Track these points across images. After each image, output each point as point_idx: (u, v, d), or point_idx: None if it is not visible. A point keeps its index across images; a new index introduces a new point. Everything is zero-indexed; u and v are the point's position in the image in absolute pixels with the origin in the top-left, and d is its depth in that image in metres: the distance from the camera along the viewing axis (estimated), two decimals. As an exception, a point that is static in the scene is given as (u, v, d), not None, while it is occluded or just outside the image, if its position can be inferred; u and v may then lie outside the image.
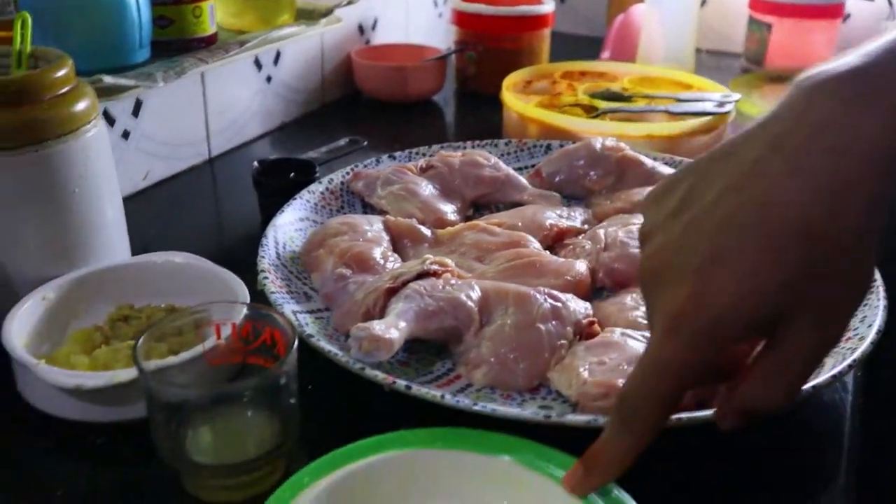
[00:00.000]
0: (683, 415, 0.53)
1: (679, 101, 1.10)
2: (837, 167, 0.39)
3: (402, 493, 0.49)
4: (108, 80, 0.77)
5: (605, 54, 1.51)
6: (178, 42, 0.91)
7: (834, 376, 0.55)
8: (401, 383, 0.56)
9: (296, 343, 0.52)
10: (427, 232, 0.79)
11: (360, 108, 1.29)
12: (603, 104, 1.09)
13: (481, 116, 1.26)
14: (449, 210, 0.84)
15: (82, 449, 0.57)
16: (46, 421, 0.58)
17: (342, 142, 1.04)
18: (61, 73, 0.65)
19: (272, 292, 0.66)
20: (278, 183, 0.88)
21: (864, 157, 0.39)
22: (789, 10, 1.46)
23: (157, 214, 0.93)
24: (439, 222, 0.82)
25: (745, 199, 0.41)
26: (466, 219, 0.85)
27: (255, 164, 0.90)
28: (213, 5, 0.94)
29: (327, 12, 1.07)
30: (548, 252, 0.77)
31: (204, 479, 0.53)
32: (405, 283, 0.65)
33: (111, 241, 0.71)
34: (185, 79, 0.91)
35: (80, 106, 0.66)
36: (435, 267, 0.67)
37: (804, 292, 0.40)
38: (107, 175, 0.70)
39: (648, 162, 0.90)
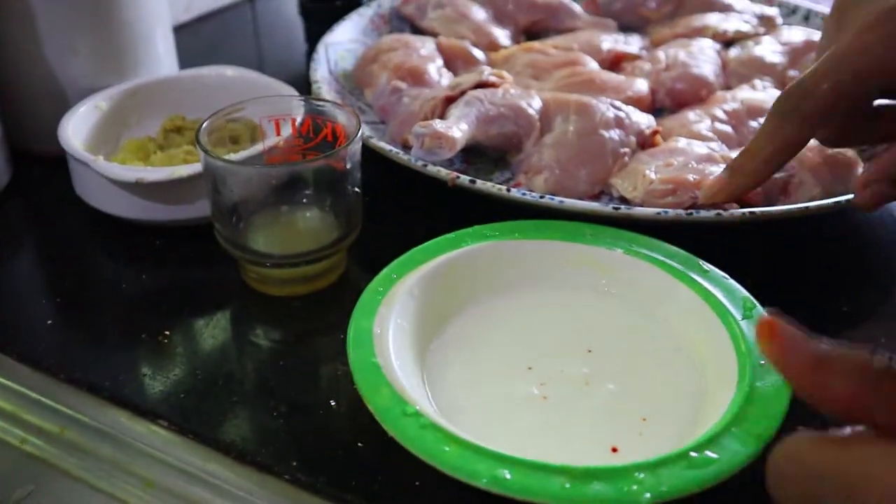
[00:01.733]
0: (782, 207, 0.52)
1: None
2: None
3: (496, 281, 0.48)
4: None
5: None
6: None
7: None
8: (465, 178, 0.55)
9: (361, 130, 0.50)
10: (480, 54, 0.76)
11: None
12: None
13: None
14: (502, 35, 0.81)
15: (143, 249, 0.57)
16: (106, 220, 0.58)
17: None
18: None
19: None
20: (324, 8, 0.85)
21: None
22: None
23: (199, 49, 0.91)
24: (492, 46, 0.79)
25: None
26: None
27: (302, -7, 0.87)
28: None
29: None
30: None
31: (268, 271, 0.53)
32: (464, 92, 0.63)
33: (160, 56, 0.70)
34: None
35: None
36: (493, 78, 0.65)
37: None
38: (156, -12, 0.68)
39: (709, -11, 0.86)
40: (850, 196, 0.53)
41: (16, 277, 0.56)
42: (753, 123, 0.66)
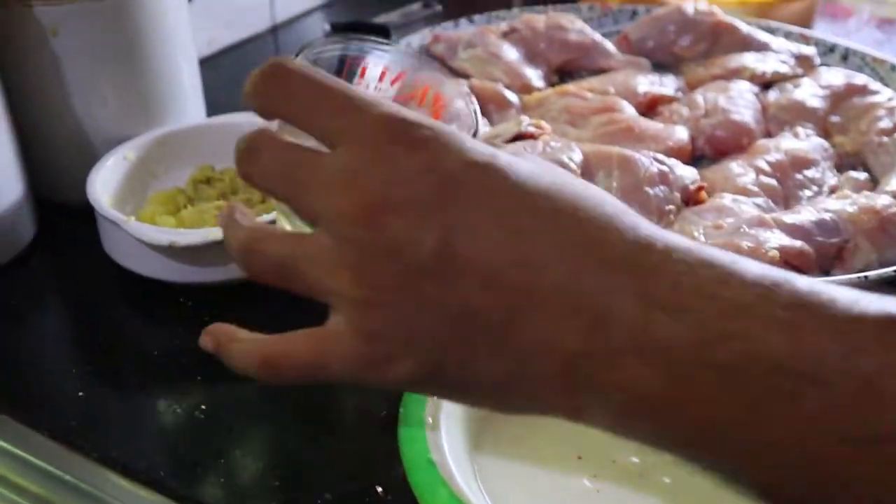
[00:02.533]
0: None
1: (772, -35, 1.02)
2: None
3: None
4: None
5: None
6: None
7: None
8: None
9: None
10: (513, 97, 0.75)
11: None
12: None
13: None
14: (534, 76, 0.79)
15: (172, 310, 0.56)
16: (135, 282, 0.56)
17: (415, 6, 0.98)
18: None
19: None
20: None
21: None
22: None
23: (222, 82, 0.89)
24: (525, 88, 0.77)
25: None
26: (551, 85, 0.81)
27: (327, 26, 0.85)
28: None
29: None
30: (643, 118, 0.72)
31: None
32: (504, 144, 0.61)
33: (188, 103, 0.68)
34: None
35: (156, -48, 0.62)
36: (532, 129, 0.63)
37: None
38: (183, 31, 0.66)
39: (744, 27, 0.84)
40: (910, 263, 0.51)
41: (44, 342, 0.54)
42: (798, 176, 0.64)
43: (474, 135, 0.36)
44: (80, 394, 0.49)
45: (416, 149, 0.29)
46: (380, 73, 0.38)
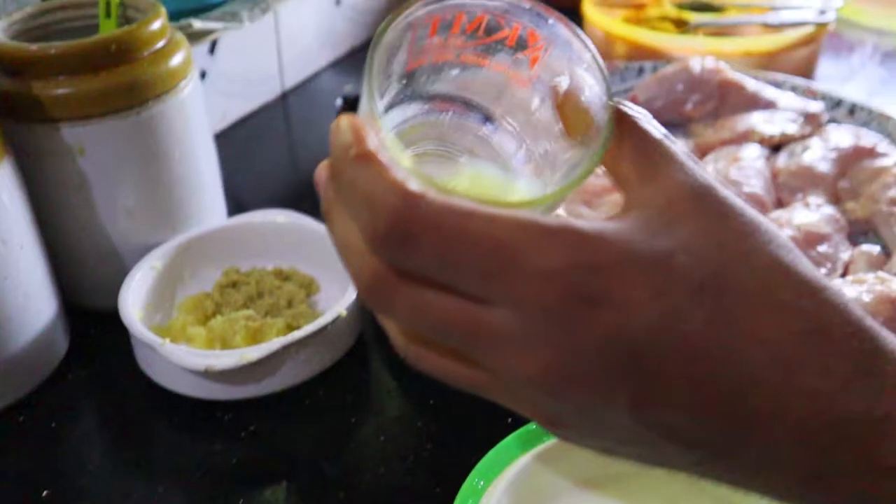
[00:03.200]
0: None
1: (775, 9, 1.03)
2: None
3: (587, 473, 0.48)
4: (197, 24, 0.74)
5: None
6: (253, -25, 0.86)
7: None
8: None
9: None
10: (527, 173, 0.76)
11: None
12: (693, 17, 1.03)
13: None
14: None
15: (209, 424, 0.57)
16: (171, 398, 0.58)
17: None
18: (157, 24, 0.62)
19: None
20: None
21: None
22: None
23: (236, 156, 0.91)
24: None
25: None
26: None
27: (339, 100, 0.87)
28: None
29: (399, -70, 1.00)
30: (657, 192, 0.73)
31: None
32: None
33: (210, 202, 0.69)
34: (259, 12, 0.87)
35: (177, 60, 0.63)
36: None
37: None
38: (203, 132, 0.68)
39: (751, 84, 0.85)
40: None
41: (81, 459, 0.55)
42: (813, 253, 0.66)
43: (606, 84, 0.31)
44: (124, 520, 0.51)
45: (593, 310, 0.26)
46: (453, 20, 0.31)
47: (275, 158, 0.93)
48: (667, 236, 0.28)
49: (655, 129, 0.31)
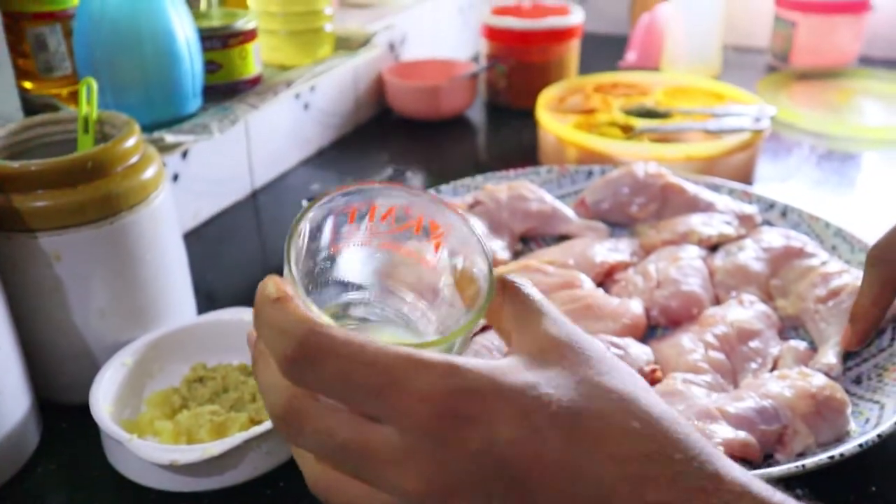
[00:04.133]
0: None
1: (715, 115, 1.10)
2: None
3: None
4: (169, 138, 0.79)
5: (632, 55, 1.52)
6: (225, 86, 0.92)
7: None
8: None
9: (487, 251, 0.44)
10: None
11: (392, 128, 1.30)
12: (639, 122, 1.10)
13: (514, 130, 1.27)
14: (499, 247, 0.86)
15: (175, 516, 0.60)
16: (137, 491, 0.61)
17: (387, 172, 1.05)
18: (131, 142, 0.67)
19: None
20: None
21: None
22: (814, 6, 1.47)
23: (208, 253, 0.95)
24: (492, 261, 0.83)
25: None
26: (515, 252, 0.87)
27: (304, 203, 0.91)
28: (259, 45, 0.95)
29: (365, 41, 1.08)
30: (601, 290, 0.78)
31: None
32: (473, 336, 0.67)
33: (179, 300, 0.73)
34: (230, 119, 0.92)
35: (149, 173, 0.68)
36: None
37: None
38: (174, 236, 0.72)
39: (691, 189, 0.91)
40: (845, 448, 0.57)
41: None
42: (744, 348, 0.70)
43: (488, 261, 0.37)
44: None
45: (466, 426, 0.30)
46: (368, 211, 0.38)
47: (245, 255, 0.98)
48: (534, 373, 0.33)
49: (533, 293, 0.37)
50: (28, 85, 0.85)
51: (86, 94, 0.69)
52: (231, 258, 0.96)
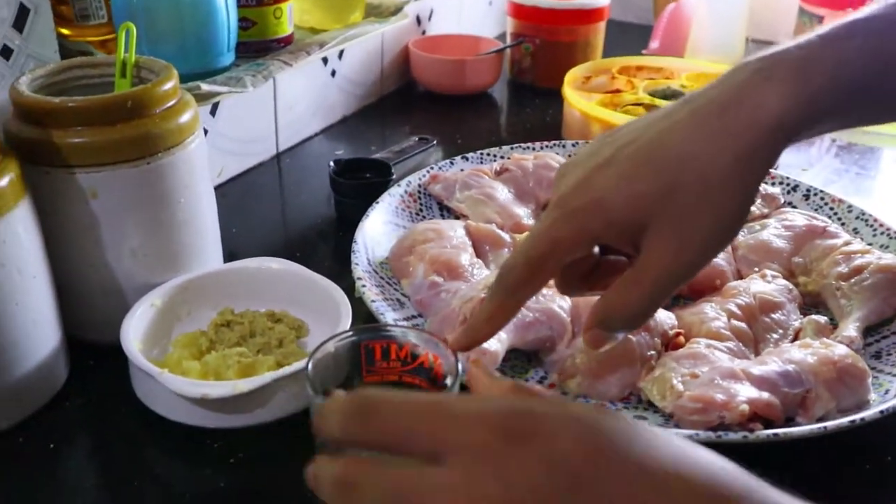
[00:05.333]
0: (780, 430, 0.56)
1: (739, 100, 1.11)
2: (726, 120, 0.46)
3: None
4: (205, 87, 0.80)
5: (655, 44, 1.52)
6: (258, 43, 0.93)
7: None
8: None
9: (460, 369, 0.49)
10: (507, 237, 0.81)
11: (415, 100, 1.31)
12: (664, 104, 1.10)
13: (537, 109, 1.28)
14: (524, 214, 0.86)
15: (200, 453, 0.60)
16: (164, 425, 0.61)
17: (411, 140, 1.06)
18: (168, 85, 0.67)
19: (372, 301, 0.69)
20: (355, 183, 0.91)
21: (752, 118, 0.46)
22: (841, 1, 1.47)
23: (232, 209, 0.96)
24: (517, 227, 0.84)
25: (648, 133, 0.48)
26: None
27: (331, 164, 0.92)
28: (292, 5, 0.96)
29: (396, 10, 1.08)
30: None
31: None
32: (498, 294, 0.67)
33: (209, 247, 0.74)
34: (261, 78, 0.93)
35: (186, 117, 0.68)
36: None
37: (668, 207, 0.46)
38: (206, 183, 0.72)
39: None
40: (866, 413, 0.58)
41: (77, 484, 0.59)
42: (766, 319, 0.71)
43: (455, 374, 0.46)
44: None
45: (525, 442, 0.30)
46: (389, 349, 0.49)
47: (267, 214, 0.98)
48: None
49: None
50: (65, 31, 0.85)
51: (125, 39, 0.70)
52: (254, 216, 0.96)
